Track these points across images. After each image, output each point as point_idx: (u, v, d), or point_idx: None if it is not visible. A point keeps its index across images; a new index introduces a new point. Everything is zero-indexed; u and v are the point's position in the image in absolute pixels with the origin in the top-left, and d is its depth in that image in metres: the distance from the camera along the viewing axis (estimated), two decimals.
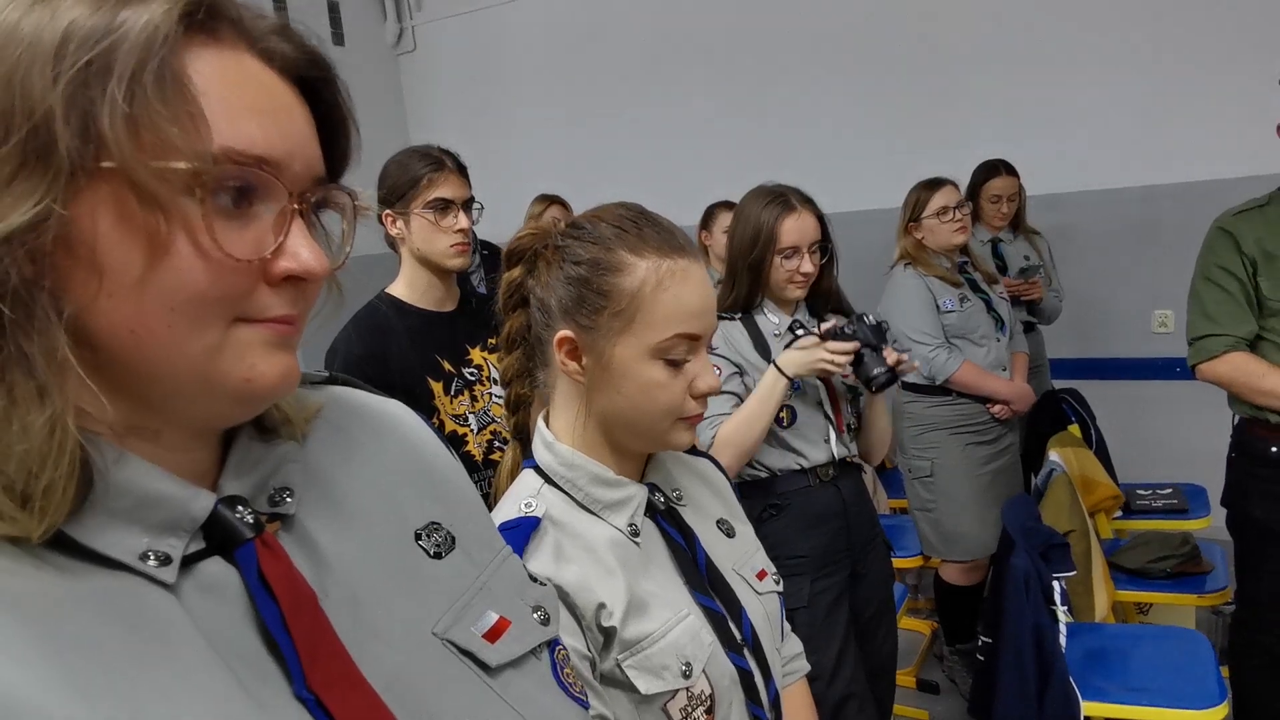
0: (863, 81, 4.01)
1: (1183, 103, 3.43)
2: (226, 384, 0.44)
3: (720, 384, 1.08)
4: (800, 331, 1.85)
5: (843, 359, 1.71)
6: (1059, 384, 3.17)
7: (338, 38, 4.72)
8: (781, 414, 1.78)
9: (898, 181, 2.75)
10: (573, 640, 0.83)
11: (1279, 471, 1.97)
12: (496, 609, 0.57)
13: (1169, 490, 2.89)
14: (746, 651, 0.93)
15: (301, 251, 0.45)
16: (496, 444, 1.73)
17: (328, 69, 0.49)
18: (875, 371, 1.73)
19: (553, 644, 0.62)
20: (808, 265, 1.80)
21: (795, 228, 1.79)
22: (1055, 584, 1.94)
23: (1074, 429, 2.84)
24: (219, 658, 0.43)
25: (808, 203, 1.82)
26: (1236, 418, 2.08)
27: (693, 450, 1.07)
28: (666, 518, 0.95)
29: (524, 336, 0.98)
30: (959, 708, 2.67)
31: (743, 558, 1.01)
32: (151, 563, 0.43)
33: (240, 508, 0.47)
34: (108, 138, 0.39)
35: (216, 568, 0.46)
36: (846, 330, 1.73)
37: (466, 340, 1.76)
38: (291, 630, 0.45)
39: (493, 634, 0.56)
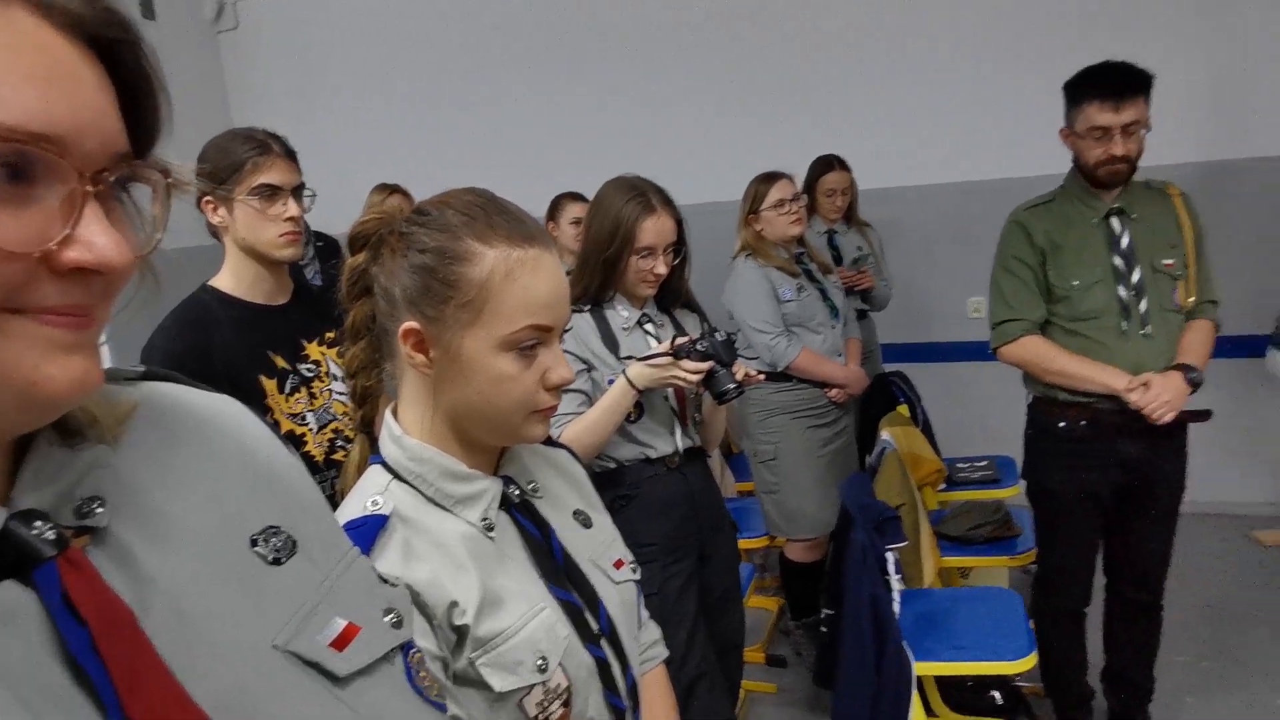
0: (707, 78, 4.11)
1: (994, 105, 3.74)
2: (8, 389, 0.39)
3: (574, 375, 1.07)
4: (649, 327, 1.87)
5: (695, 378, 1.74)
6: (888, 367, 3.37)
7: (147, 11, 4.29)
8: (629, 410, 1.80)
9: (738, 175, 2.83)
10: (424, 641, 0.80)
11: (1068, 445, 2.16)
12: (344, 615, 0.54)
13: (984, 463, 3.14)
14: (604, 641, 0.93)
15: (96, 240, 0.40)
16: (339, 443, 1.65)
17: (127, 27, 0.43)
18: (726, 387, 1.78)
19: (406, 647, 0.59)
20: (661, 267, 1.82)
21: (654, 229, 1.79)
22: (889, 555, 2.06)
23: (902, 409, 3.02)
24: (14, 697, 0.38)
25: (668, 204, 1.83)
26: (1030, 396, 2.26)
27: (549, 441, 1.06)
28: (521, 511, 0.94)
29: (369, 326, 0.94)
30: (805, 679, 2.80)
31: (600, 548, 1.00)
32: None
33: (39, 523, 0.42)
34: None
35: (9, 593, 0.40)
36: (699, 347, 1.75)
37: (302, 334, 1.67)
38: (104, 656, 0.40)
39: (340, 641, 0.52)
